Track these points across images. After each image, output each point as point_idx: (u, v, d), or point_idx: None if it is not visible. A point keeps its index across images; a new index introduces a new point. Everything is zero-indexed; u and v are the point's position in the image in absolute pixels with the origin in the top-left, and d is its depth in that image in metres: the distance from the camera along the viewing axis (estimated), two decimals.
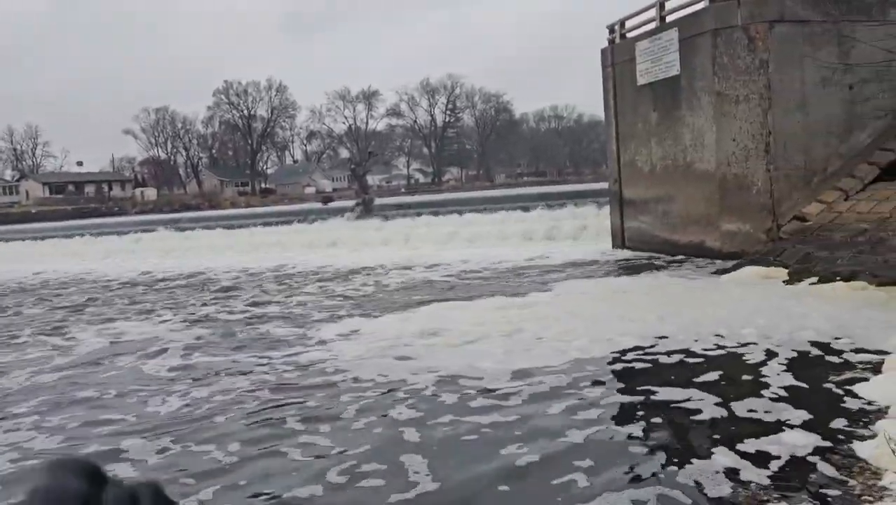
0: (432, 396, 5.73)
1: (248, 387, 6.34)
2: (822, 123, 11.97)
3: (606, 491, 3.77)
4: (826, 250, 9.93)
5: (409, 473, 4.21)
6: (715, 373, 5.77)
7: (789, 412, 4.69)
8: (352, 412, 5.45)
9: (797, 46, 11.81)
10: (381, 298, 11.37)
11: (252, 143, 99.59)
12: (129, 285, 16.19)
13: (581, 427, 4.78)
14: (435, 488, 3.98)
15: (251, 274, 16.55)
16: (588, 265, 13.75)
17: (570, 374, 6.03)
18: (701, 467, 3.95)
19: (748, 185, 12.19)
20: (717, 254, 12.45)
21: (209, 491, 4.14)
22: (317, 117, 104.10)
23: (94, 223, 32.54)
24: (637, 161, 14.85)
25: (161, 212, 49.58)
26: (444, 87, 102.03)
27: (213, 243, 23.04)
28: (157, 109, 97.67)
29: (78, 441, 5.24)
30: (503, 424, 4.94)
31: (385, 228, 21.37)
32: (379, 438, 4.86)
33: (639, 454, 4.30)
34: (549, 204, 20.18)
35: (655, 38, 13.82)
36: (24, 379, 7.30)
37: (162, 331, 9.55)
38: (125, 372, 7.32)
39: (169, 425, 5.41)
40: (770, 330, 6.88)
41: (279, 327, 9.15)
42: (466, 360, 6.69)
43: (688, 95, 13.05)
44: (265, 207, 37.32)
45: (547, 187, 38.00)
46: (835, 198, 11.40)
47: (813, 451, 4.04)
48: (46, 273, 20.70)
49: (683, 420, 4.79)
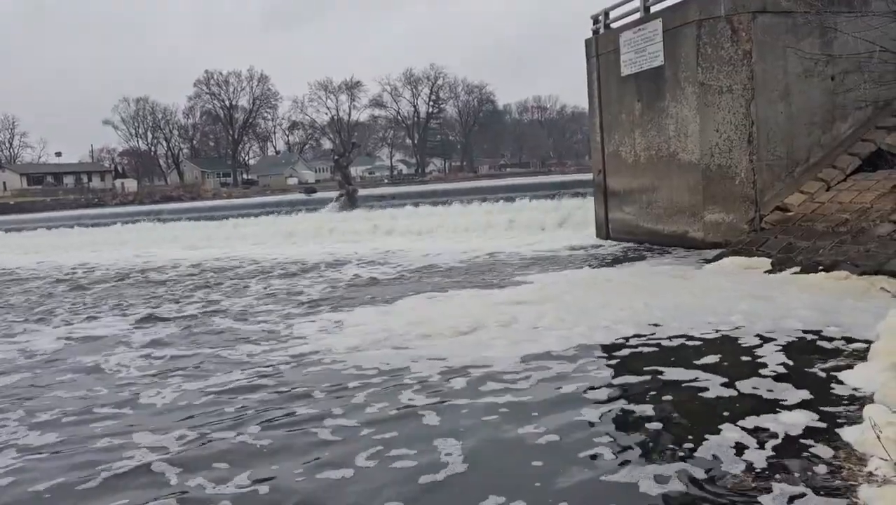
0: (442, 382, 5.77)
1: (246, 379, 6.26)
2: (805, 114, 12.06)
3: (630, 464, 3.93)
4: (808, 240, 10.01)
5: (438, 454, 4.27)
6: (714, 357, 5.88)
7: (781, 396, 4.76)
8: (362, 398, 5.49)
9: (780, 37, 11.87)
10: (358, 290, 11.31)
11: (233, 133, 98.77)
12: (116, 278, 16.00)
13: (595, 406, 4.95)
14: (465, 469, 4.04)
15: (228, 267, 16.41)
16: (573, 255, 13.79)
17: (577, 359, 6.13)
18: (715, 443, 4.08)
19: (731, 175, 12.26)
20: (701, 244, 12.53)
21: (244, 476, 4.17)
22: (299, 108, 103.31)
23: (74, 215, 32.14)
24: (621, 152, 14.88)
25: (142, 203, 49.01)
26: (427, 78, 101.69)
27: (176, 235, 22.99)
28: (137, 100, 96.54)
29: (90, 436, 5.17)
30: (519, 405, 5.08)
31: (369, 219, 21.31)
32: (399, 422, 4.92)
33: (654, 430, 4.43)
34: (533, 195, 20.20)
35: (640, 28, 13.83)
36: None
37: (125, 330, 9.21)
38: (127, 367, 7.22)
39: (180, 416, 5.39)
40: (754, 319, 6.94)
41: (261, 322, 8.94)
42: (469, 349, 6.69)
43: (672, 86, 13.08)
44: (247, 199, 36.98)
45: (530, 178, 38.01)
46: (816, 188, 11.49)
47: (801, 434, 4.09)
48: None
49: (692, 398, 4.96)
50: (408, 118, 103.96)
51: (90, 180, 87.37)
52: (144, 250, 21.39)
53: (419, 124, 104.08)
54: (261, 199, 34.01)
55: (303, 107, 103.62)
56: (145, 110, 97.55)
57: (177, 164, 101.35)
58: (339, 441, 4.65)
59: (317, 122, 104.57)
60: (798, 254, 9.70)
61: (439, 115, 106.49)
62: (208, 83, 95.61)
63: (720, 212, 12.43)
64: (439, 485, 3.87)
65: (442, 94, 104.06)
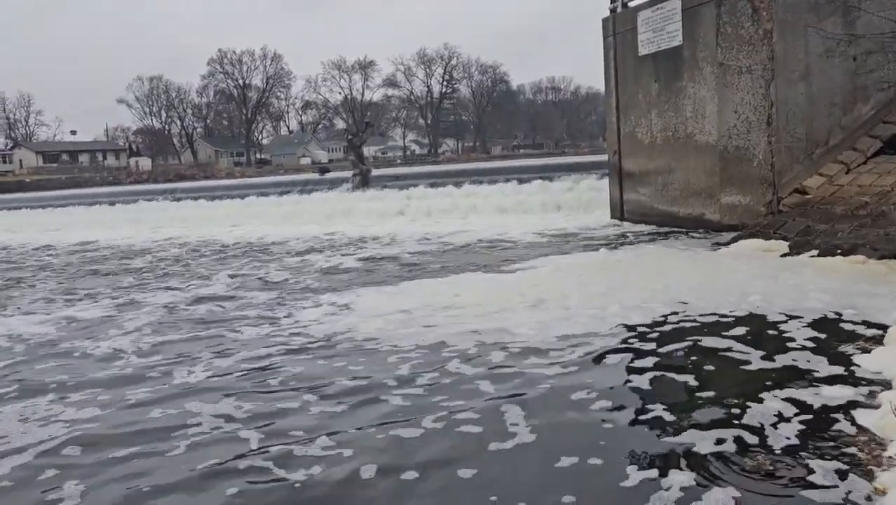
0: (482, 356, 5.79)
1: (279, 355, 6.26)
2: (825, 95, 11.87)
3: (691, 428, 4.03)
4: (826, 223, 9.90)
5: (504, 422, 4.35)
6: (743, 332, 5.98)
7: (798, 379, 4.73)
8: (407, 370, 5.55)
9: (801, 16, 11.66)
10: (370, 274, 11.32)
11: (247, 112, 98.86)
12: (141, 253, 16.12)
13: (643, 374, 5.08)
14: (533, 439, 4.09)
15: (249, 243, 16.48)
16: (588, 236, 13.73)
17: (616, 335, 6.17)
18: (758, 411, 4.21)
19: (749, 157, 12.12)
20: (717, 226, 12.42)
21: (323, 439, 4.29)
22: (312, 87, 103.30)
23: (91, 192, 32.32)
24: (637, 133, 14.74)
25: (156, 182, 49.21)
26: (441, 58, 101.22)
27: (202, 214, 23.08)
28: (151, 78, 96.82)
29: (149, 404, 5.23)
30: (568, 375, 5.19)
31: (383, 199, 21.27)
32: (453, 391, 5.00)
33: (706, 398, 4.53)
34: (547, 176, 20.06)
35: (658, 7, 13.63)
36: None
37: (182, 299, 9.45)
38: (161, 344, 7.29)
39: (227, 388, 5.43)
40: (772, 301, 6.87)
41: (279, 303, 8.89)
42: (501, 327, 6.64)
43: (690, 66, 12.91)
44: (261, 178, 37.04)
45: (544, 159, 37.74)
46: (836, 171, 11.34)
47: (816, 418, 4.06)
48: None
49: (734, 368, 5.10)
50: (421, 98, 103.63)
51: (105, 158, 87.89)
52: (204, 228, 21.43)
53: (432, 104, 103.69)
54: (275, 178, 34.04)
55: (316, 86, 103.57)
56: (159, 89, 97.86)
57: (190, 143, 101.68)
58: (406, 406, 4.78)
59: (330, 102, 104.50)
60: (816, 237, 9.59)
61: (452, 96, 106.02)
62: (222, 62, 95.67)
63: (737, 194, 12.31)
64: (509, 453, 3.96)
65: (455, 74, 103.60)
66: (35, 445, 4.53)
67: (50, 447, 4.48)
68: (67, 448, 4.45)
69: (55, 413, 5.12)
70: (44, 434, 4.70)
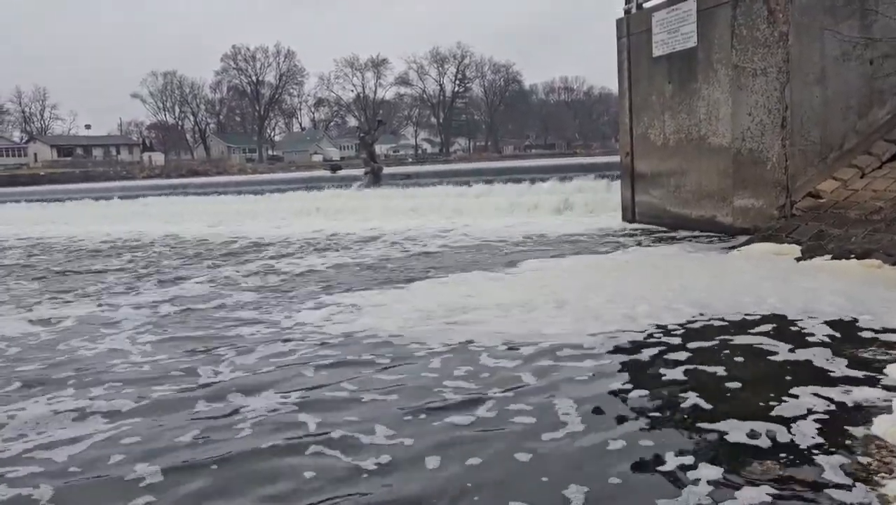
0: (517, 352, 5.85)
1: (303, 350, 6.26)
2: (841, 99, 11.78)
3: (730, 418, 4.20)
4: (840, 228, 9.83)
5: (556, 413, 4.48)
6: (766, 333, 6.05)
7: (809, 385, 4.68)
8: (441, 364, 5.62)
9: (818, 19, 11.57)
10: (391, 268, 11.33)
11: (260, 109, 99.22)
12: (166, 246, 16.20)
13: (677, 367, 5.25)
14: (583, 428, 4.23)
15: (256, 241, 16.55)
16: (600, 238, 13.68)
17: (645, 333, 6.25)
18: (774, 413, 4.30)
19: (763, 160, 12.05)
20: (729, 229, 12.36)
21: (382, 429, 4.36)
22: (325, 85, 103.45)
23: (105, 187, 32.52)
24: (650, 134, 14.69)
25: (168, 177, 49.49)
26: (454, 57, 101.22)
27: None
28: (165, 74, 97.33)
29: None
30: (604, 367, 5.37)
31: (395, 197, 21.30)
32: (496, 384, 5.09)
33: (736, 389, 4.73)
34: (560, 176, 20.02)
35: (673, 8, 13.57)
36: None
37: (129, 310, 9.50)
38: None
39: (263, 384, 5.45)
40: (785, 306, 6.83)
41: (289, 301, 8.84)
42: (527, 325, 6.64)
43: (704, 68, 12.85)
44: (272, 175, 37.17)
45: (556, 160, 37.75)
46: (850, 175, 11.25)
47: (828, 423, 4.03)
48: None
49: (757, 367, 5.22)
50: (433, 97, 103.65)
51: (118, 153, 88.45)
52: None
53: (444, 103, 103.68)
54: (287, 175, 34.13)
55: (329, 84, 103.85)
56: (173, 84, 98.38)
57: (203, 139, 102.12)
58: (455, 397, 4.88)
59: (342, 100, 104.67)
60: (829, 241, 9.52)
61: (465, 95, 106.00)
62: (235, 58, 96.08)
63: (750, 197, 12.24)
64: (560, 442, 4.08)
65: (468, 73, 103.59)
66: (103, 431, 4.59)
67: (111, 435, 4.54)
68: (126, 438, 4.49)
69: (90, 407, 5.10)
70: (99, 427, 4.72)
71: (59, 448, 4.36)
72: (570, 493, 3.44)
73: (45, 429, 4.69)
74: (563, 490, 3.46)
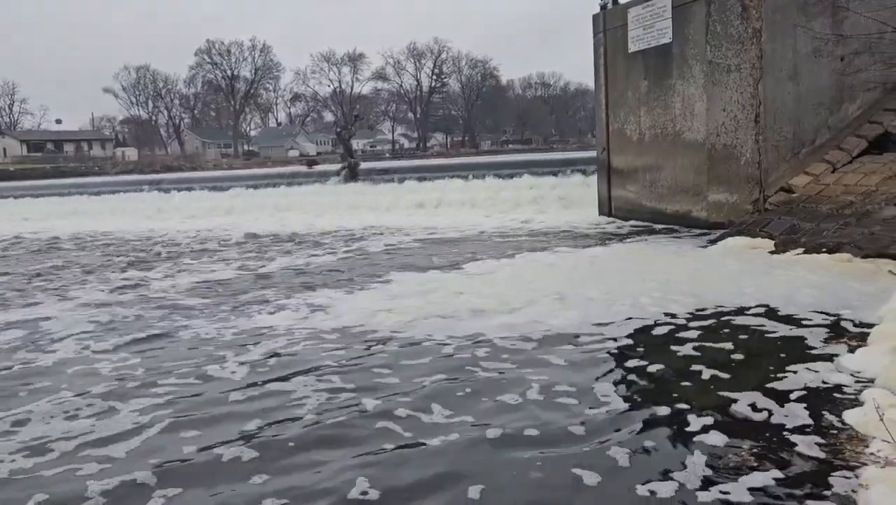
0: (531, 341, 5.96)
1: (300, 344, 6.21)
2: (813, 95, 11.96)
3: (746, 389, 4.52)
4: (812, 222, 9.98)
5: (595, 395, 4.66)
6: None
7: (779, 376, 4.76)
8: (461, 353, 5.71)
9: (791, 16, 11.73)
10: (372, 263, 11.29)
11: (235, 104, 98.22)
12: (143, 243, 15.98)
13: (686, 345, 5.60)
14: (626, 408, 4.42)
15: (241, 237, 16.40)
16: (577, 233, 13.76)
17: (649, 319, 6.46)
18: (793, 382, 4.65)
19: (737, 155, 12.19)
20: (704, 224, 12.50)
21: (437, 414, 4.45)
22: (301, 79, 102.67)
23: (77, 182, 31.97)
24: (626, 129, 14.78)
25: (142, 173, 48.78)
26: (431, 52, 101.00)
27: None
28: (138, 68, 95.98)
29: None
30: (621, 348, 5.65)
31: (371, 192, 21.23)
32: (528, 366, 5.27)
33: (737, 361, 5.17)
34: (536, 171, 20.07)
35: (648, 4, 13.66)
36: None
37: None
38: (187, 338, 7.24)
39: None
40: (762, 298, 6.94)
41: (275, 297, 8.69)
42: (532, 318, 6.66)
43: (679, 64, 12.96)
44: (248, 170, 36.81)
45: (533, 155, 37.77)
46: (822, 170, 11.43)
47: (801, 415, 4.09)
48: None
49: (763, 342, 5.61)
50: (410, 92, 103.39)
51: (91, 148, 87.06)
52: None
53: (421, 98, 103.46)
54: (266, 170, 33.84)
55: (305, 78, 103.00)
56: (146, 79, 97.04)
57: (178, 134, 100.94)
58: (495, 378, 5.07)
59: (319, 95, 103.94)
60: (801, 235, 9.67)
61: (442, 90, 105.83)
62: (210, 52, 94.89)
63: (724, 192, 12.38)
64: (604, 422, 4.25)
65: (445, 69, 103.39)
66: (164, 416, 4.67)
67: (164, 425, 4.54)
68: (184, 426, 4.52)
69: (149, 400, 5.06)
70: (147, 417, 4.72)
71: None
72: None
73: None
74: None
